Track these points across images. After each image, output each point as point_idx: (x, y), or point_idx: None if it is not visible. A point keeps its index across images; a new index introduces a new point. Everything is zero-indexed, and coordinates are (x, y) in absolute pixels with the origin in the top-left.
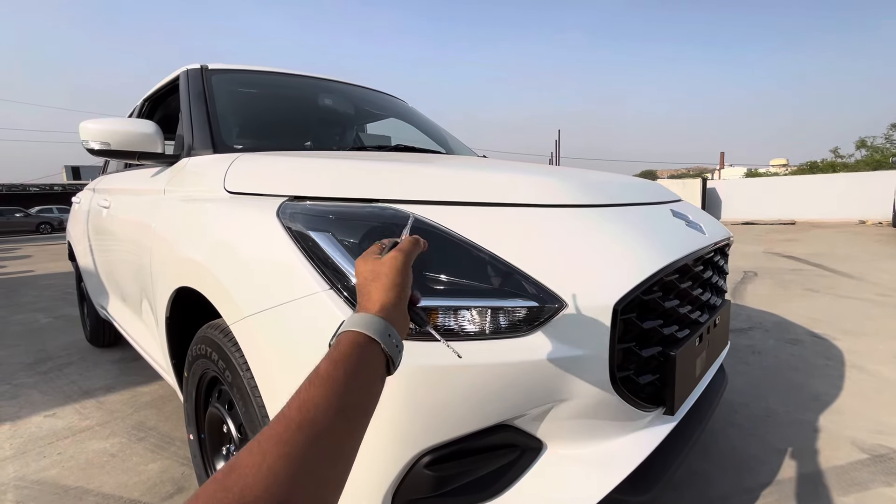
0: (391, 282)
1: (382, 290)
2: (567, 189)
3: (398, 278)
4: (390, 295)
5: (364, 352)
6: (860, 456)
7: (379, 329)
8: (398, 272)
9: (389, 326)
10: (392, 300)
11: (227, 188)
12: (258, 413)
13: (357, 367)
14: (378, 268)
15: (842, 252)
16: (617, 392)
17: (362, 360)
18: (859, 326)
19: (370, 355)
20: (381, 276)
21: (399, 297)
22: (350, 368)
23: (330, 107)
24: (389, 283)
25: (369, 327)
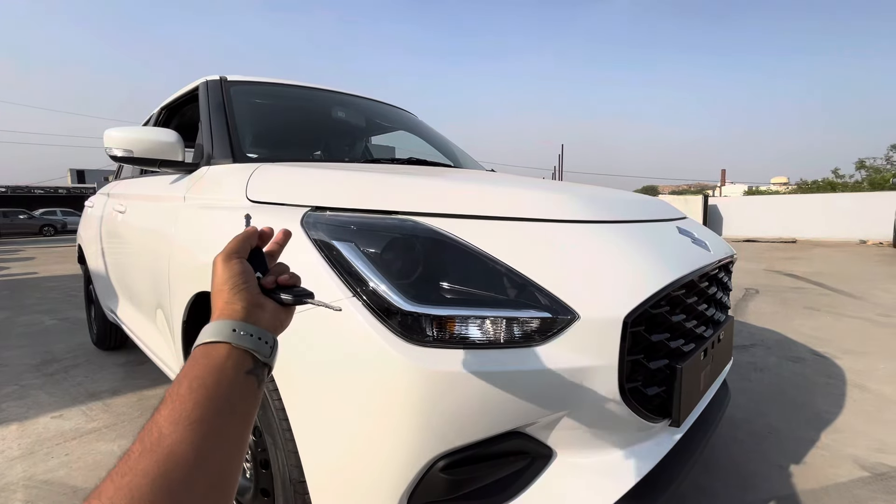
0: (217, 286)
1: (215, 297)
2: (579, 205)
3: (219, 280)
4: (221, 297)
5: (210, 359)
6: (861, 474)
7: (219, 331)
8: (217, 275)
9: (234, 322)
10: (225, 299)
11: (249, 197)
12: (276, 416)
13: (204, 376)
14: (212, 281)
15: (843, 271)
16: (625, 403)
17: (208, 367)
18: (860, 346)
19: (218, 360)
20: (213, 287)
21: (231, 294)
22: (195, 382)
23: (342, 119)
24: (217, 288)
25: (210, 334)
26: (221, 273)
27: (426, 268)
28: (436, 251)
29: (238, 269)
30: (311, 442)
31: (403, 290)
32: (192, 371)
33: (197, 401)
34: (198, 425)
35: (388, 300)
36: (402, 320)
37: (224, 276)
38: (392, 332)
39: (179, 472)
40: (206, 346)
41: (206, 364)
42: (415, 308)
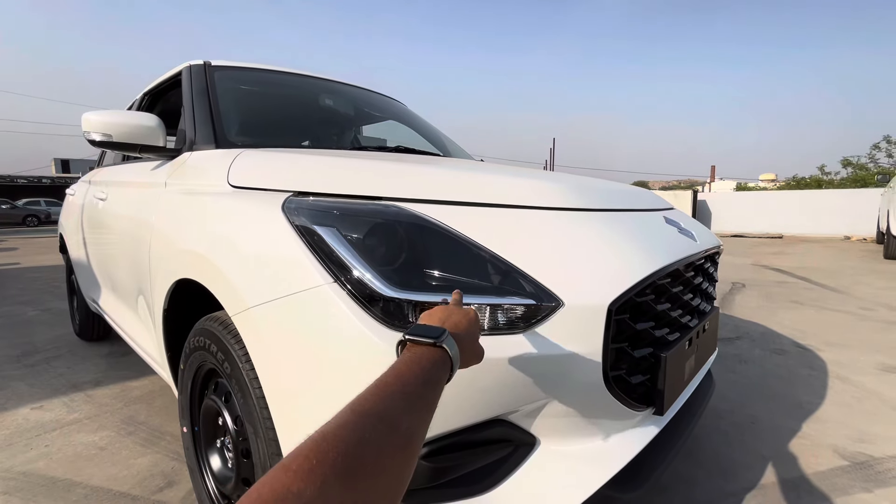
0: (468, 325)
1: (461, 325)
2: (565, 193)
3: (472, 327)
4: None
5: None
6: (841, 463)
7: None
8: (472, 322)
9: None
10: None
11: (230, 182)
12: (256, 404)
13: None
14: (461, 311)
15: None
16: (609, 391)
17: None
18: (843, 338)
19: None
20: (460, 316)
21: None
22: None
23: (330, 107)
24: (467, 325)
25: (450, 345)
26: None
27: (409, 254)
28: (419, 237)
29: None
30: (292, 430)
31: (386, 275)
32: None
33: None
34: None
35: (370, 286)
36: (384, 306)
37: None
38: (374, 318)
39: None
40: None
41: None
42: (397, 294)
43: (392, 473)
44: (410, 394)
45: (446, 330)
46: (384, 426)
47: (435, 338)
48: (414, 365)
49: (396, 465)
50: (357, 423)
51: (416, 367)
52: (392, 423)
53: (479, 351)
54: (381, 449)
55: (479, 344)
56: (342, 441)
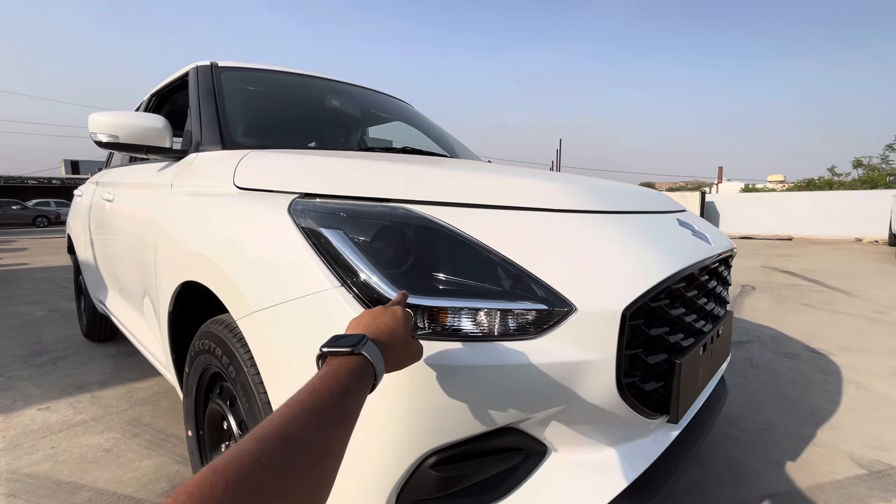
0: (395, 328)
1: (384, 329)
2: (576, 195)
3: (399, 328)
4: (401, 361)
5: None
6: (858, 471)
7: (377, 357)
8: (400, 322)
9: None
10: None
11: (236, 183)
12: (262, 409)
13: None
14: (385, 312)
15: (838, 269)
16: (622, 398)
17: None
18: (856, 343)
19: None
20: (387, 318)
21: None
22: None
23: (337, 108)
24: (394, 327)
25: (371, 353)
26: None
27: (418, 257)
28: (428, 240)
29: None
30: None
31: (393, 279)
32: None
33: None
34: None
35: (378, 290)
36: None
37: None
38: None
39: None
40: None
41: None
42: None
43: (297, 493)
44: (323, 409)
45: (365, 336)
46: (286, 447)
47: (352, 346)
48: (329, 378)
49: (303, 484)
50: (254, 448)
51: (331, 379)
52: (297, 442)
53: (413, 350)
54: (281, 470)
55: (413, 342)
56: (232, 469)
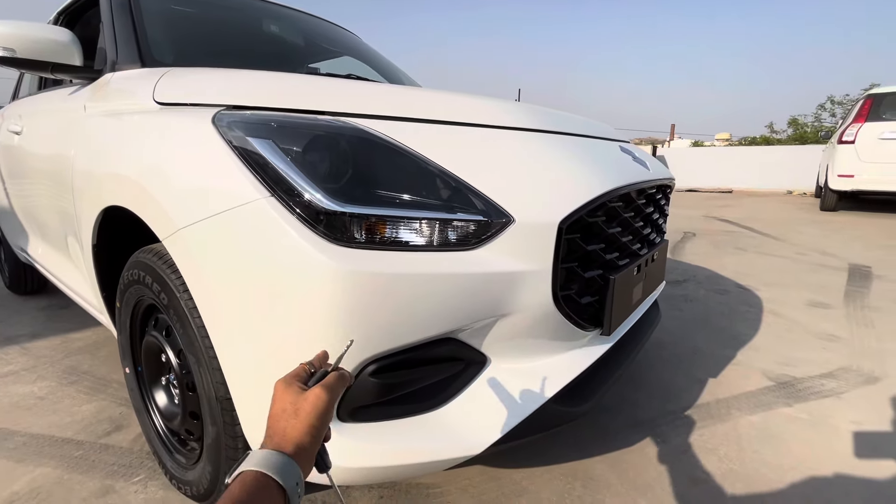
0: (311, 424)
1: (301, 431)
2: (518, 113)
3: (318, 421)
4: (307, 438)
5: (268, 498)
6: (768, 383)
7: (291, 475)
8: (320, 415)
9: (299, 473)
10: (308, 444)
11: (156, 99)
12: (197, 334)
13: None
14: (300, 404)
15: (770, 217)
16: (558, 309)
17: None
18: (778, 279)
19: (272, 502)
20: (301, 414)
21: (314, 442)
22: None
23: (276, 34)
24: (309, 425)
25: (280, 471)
26: (321, 417)
27: (354, 168)
28: (365, 151)
29: (330, 419)
30: (234, 356)
31: (328, 189)
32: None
33: None
34: None
35: (311, 200)
36: (326, 220)
37: (320, 424)
38: (315, 232)
39: None
40: (269, 479)
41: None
42: (341, 207)
43: None
44: None
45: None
46: None
47: (235, 470)
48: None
49: None
50: None
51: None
52: None
53: (311, 394)
54: None
55: (324, 428)
56: None
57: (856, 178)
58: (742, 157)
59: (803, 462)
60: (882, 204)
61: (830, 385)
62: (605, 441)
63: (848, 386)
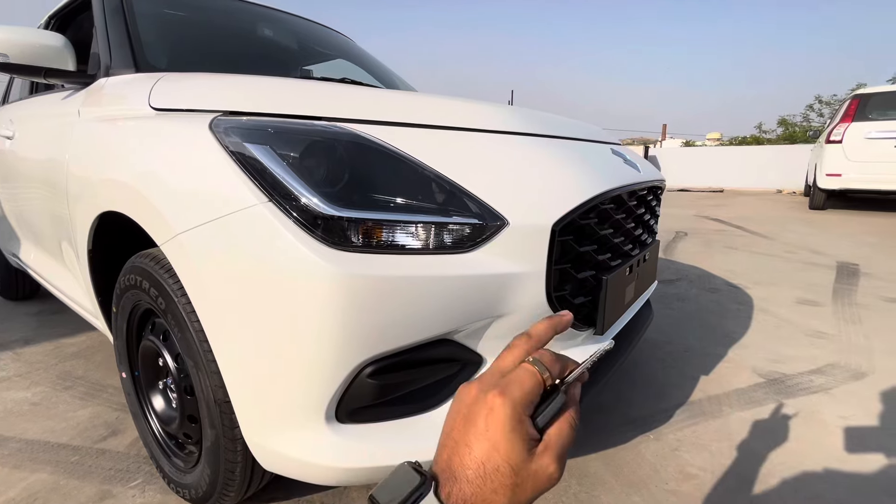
0: (529, 497)
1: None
2: (512, 117)
3: (537, 494)
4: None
5: None
6: (758, 380)
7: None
8: (550, 482)
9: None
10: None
11: (152, 105)
12: (195, 338)
13: None
14: (526, 471)
15: (760, 216)
16: (552, 309)
17: None
18: (768, 277)
19: None
20: (521, 492)
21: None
22: None
23: (270, 38)
24: (526, 498)
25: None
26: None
27: (351, 173)
28: (361, 156)
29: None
30: (234, 359)
31: (325, 194)
32: None
33: None
34: None
35: (308, 204)
36: (324, 225)
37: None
38: (313, 236)
39: None
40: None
41: None
42: (338, 212)
43: None
44: None
45: (425, 481)
46: None
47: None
48: None
49: None
50: None
51: None
52: None
53: (538, 474)
54: None
55: (536, 462)
56: None
57: (844, 177)
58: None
59: (792, 456)
60: (869, 202)
61: (819, 381)
62: (600, 439)
63: (836, 382)
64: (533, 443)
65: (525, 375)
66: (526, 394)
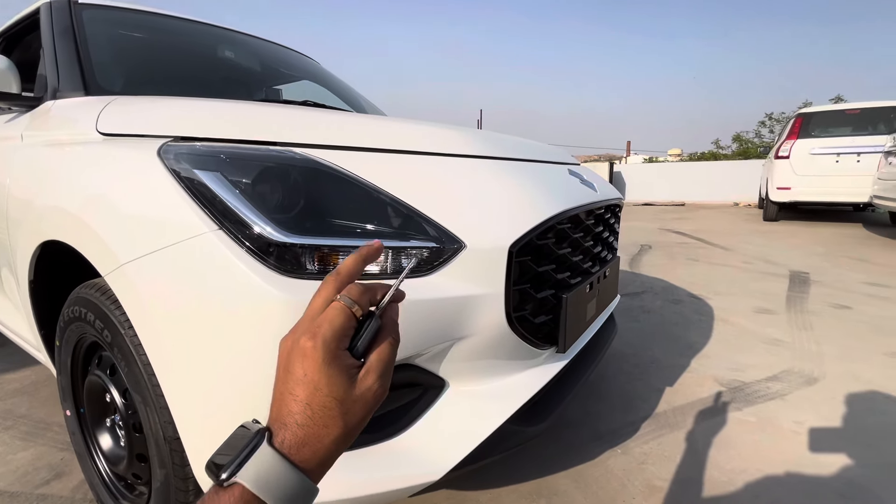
0: (354, 431)
1: (339, 442)
2: (469, 140)
3: (362, 425)
4: (344, 443)
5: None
6: (720, 389)
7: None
8: (368, 415)
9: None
10: (340, 450)
11: (100, 129)
12: (143, 371)
13: None
14: (351, 398)
15: (719, 228)
16: (513, 330)
17: None
18: (727, 288)
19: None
20: (349, 418)
21: (339, 454)
22: None
23: (231, 60)
24: (352, 433)
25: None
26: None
27: (306, 198)
28: (316, 181)
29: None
30: (183, 394)
31: (277, 221)
32: None
33: None
34: None
35: (260, 231)
36: (276, 252)
37: (367, 416)
38: (265, 264)
39: None
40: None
41: None
42: (291, 239)
43: None
44: None
45: (257, 434)
46: None
47: (224, 471)
48: None
49: None
50: None
51: None
52: None
53: (364, 395)
54: None
55: (362, 382)
56: None
57: (793, 190)
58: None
59: (752, 464)
60: (817, 213)
61: (776, 388)
62: (569, 456)
63: (791, 387)
64: (354, 370)
65: (333, 313)
66: (336, 330)
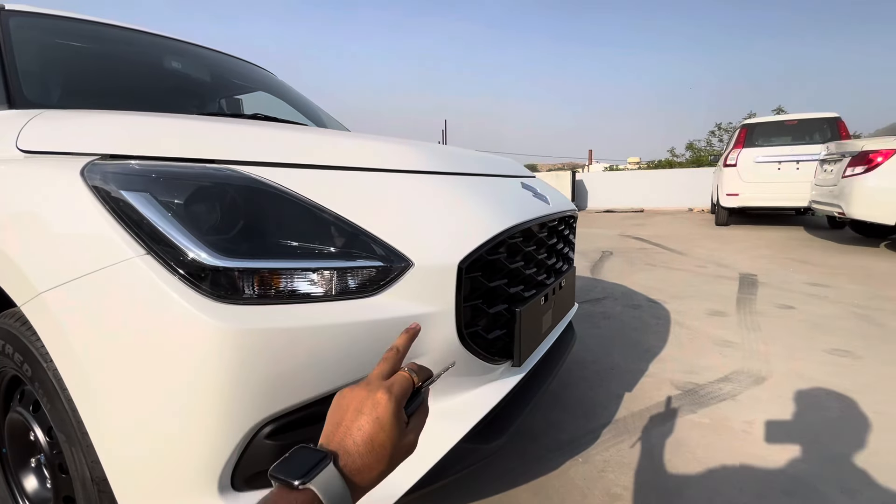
0: (397, 463)
1: (384, 469)
2: (415, 155)
3: (401, 461)
4: (380, 479)
5: None
6: (676, 392)
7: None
8: (409, 452)
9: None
10: (375, 485)
11: (20, 147)
12: (67, 407)
13: None
14: (400, 445)
15: (675, 233)
16: (465, 346)
17: None
18: (682, 291)
19: None
20: (395, 460)
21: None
22: None
23: (177, 71)
24: (395, 464)
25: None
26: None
27: (244, 219)
28: (254, 201)
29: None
30: (109, 432)
31: (211, 243)
32: None
33: None
34: None
35: (192, 255)
36: (211, 277)
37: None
38: (198, 291)
39: None
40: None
41: None
42: (226, 262)
43: None
44: None
45: (325, 458)
46: None
47: (301, 476)
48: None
49: None
50: None
51: None
52: None
53: (404, 447)
54: None
55: (405, 438)
56: None
57: (741, 196)
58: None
59: (707, 465)
60: (764, 217)
61: (727, 388)
62: (531, 467)
63: (741, 388)
64: (403, 425)
65: (402, 380)
66: (404, 392)
